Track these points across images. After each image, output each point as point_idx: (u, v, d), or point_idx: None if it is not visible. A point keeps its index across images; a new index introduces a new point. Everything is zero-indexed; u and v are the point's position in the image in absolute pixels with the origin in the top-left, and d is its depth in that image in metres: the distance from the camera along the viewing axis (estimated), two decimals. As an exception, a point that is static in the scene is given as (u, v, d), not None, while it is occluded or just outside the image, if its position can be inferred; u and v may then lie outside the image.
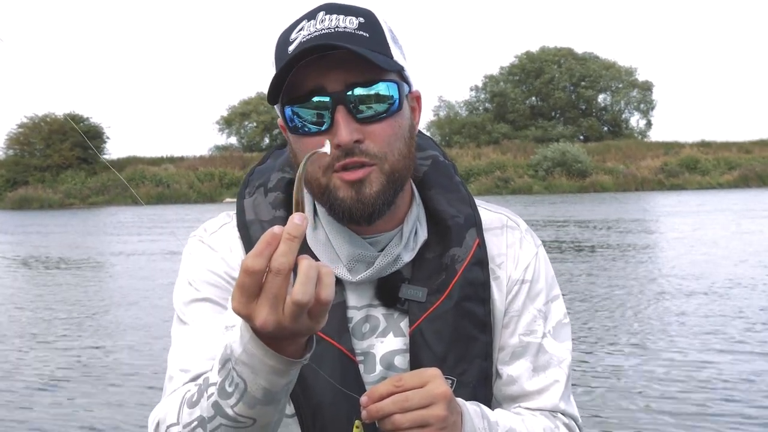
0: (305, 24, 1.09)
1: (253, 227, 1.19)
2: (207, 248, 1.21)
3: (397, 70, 1.10)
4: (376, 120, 1.07)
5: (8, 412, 4.88)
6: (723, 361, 5.63)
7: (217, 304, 1.17)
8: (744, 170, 40.11)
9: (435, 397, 0.99)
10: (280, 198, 1.21)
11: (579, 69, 57.30)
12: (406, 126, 1.12)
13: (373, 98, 1.07)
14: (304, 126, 1.08)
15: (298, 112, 1.08)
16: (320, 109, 1.06)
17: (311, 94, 1.06)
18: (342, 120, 1.05)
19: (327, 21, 1.08)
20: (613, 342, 6.35)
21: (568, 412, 1.21)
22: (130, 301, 9.19)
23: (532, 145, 46.40)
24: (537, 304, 1.23)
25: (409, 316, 1.16)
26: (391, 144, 1.09)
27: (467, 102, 60.99)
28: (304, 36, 1.07)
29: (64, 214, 31.66)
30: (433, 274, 1.16)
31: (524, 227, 1.28)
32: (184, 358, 1.15)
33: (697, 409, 4.57)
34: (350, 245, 1.14)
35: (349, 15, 1.09)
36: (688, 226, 17.03)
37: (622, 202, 28.05)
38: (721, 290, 8.62)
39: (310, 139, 1.07)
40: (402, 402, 0.99)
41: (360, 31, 1.07)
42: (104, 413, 4.86)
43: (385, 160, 1.08)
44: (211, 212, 12.19)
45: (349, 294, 1.17)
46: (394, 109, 1.09)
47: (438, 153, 1.28)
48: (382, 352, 1.17)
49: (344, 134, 1.04)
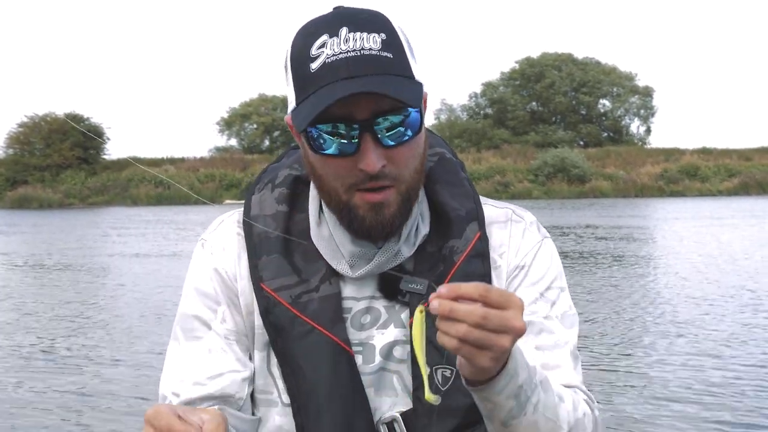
0: (327, 40, 1.08)
1: (257, 222, 1.23)
2: (206, 253, 1.27)
3: (422, 98, 1.11)
4: (399, 144, 1.10)
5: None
6: (726, 366, 5.62)
7: (204, 324, 1.23)
8: (744, 177, 40.14)
9: (511, 328, 0.92)
10: (284, 193, 1.25)
11: (579, 74, 57.39)
12: (422, 144, 1.15)
13: (398, 125, 1.09)
14: (329, 148, 1.10)
15: (322, 135, 1.09)
16: (347, 137, 1.08)
17: (338, 119, 1.07)
18: (369, 148, 1.07)
19: (351, 41, 1.07)
20: (611, 343, 6.34)
21: (582, 389, 1.20)
22: (128, 303, 9.18)
23: (532, 150, 46.49)
24: (538, 288, 1.23)
25: (409, 307, 1.18)
26: (409, 165, 1.12)
27: (468, 107, 61.13)
28: (329, 56, 1.07)
29: (63, 214, 31.65)
30: (433, 267, 1.19)
31: (529, 220, 1.29)
32: (174, 380, 1.21)
33: (701, 415, 4.56)
34: (351, 242, 1.18)
35: (372, 32, 1.08)
36: (690, 232, 17.04)
37: (621, 208, 28.07)
38: (724, 296, 8.62)
39: (335, 160, 1.10)
40: (478, 318, 0.91)
41: (384, 53, 1.08)
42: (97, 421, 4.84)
43: (402, 180, 1.12)
44: (211, 213, 12.18)
45: (349, 286, 1.21)
46: (415, 132, 1.11)
47: (446, 151, 1.30)
48: (382, 343, 1.20)
49: (372, 162, 1.07)
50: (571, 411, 1.12)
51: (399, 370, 1.19)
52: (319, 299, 1.18)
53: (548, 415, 1.07)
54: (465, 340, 0.91)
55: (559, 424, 1.09)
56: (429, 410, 1.16)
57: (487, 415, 1.07)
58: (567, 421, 1.11)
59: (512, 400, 1.02)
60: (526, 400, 1.04)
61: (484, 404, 1.04)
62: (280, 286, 1.19)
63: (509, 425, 1.05)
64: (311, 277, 1.20)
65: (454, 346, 0.92)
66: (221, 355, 1.20)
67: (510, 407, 1.03)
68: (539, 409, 1.06)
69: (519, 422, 1.05)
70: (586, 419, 1.15)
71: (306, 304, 1.18)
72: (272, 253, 1.21)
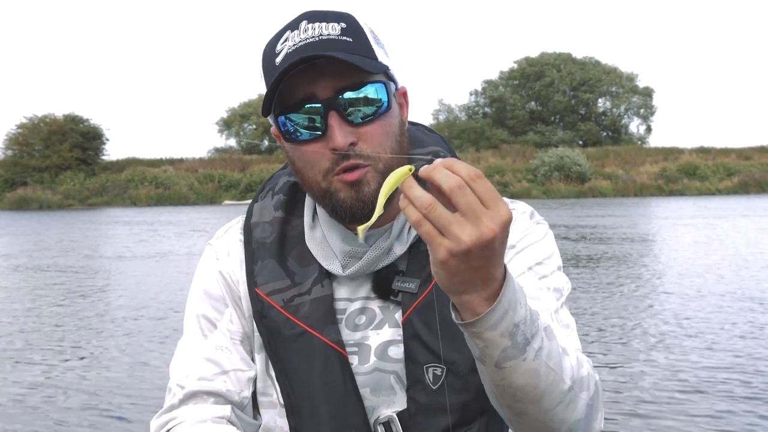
0: (289, 34, 1.12)
1: (256, 229, 1.27)
2: (212, 257, 1.30)
3: (383, 71, 1.14)
4: (368, 122, 1.11)
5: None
6: (726, 366, 5.62)
7: (211, 323, 1.25)
8: (743, 176, 40.13)
9: (476, 222, 0.84)
10: (281, 200, 1.29)
11: (579, 73, 57.40)
12: (396, 124, 1.16)
13: (362, 101, 1.11)
14: (299, 134, 1.12)
15: (291, 120, 1.12)
16: (313, 115, 1.10)
17: (303, 102, 1.10)
18: (335, 125, 1.09)
19: (310, 30, 1.11)
20: (609, 347, 6.34)
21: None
22: (125, 305, 9.18)
23: (531, 149, 46.51)
24: (527, 263, 1.20)
25: (401, 307, 1.19)
26: (383, 144, 1.12)
27: (466, 107, 61.11)
28: (290, 47, 1.10)
29: (62, 215, 31.62)
30: (426, 265, 1.19)
31: (522, 209, 1.28)
32: (181, 373, 1.23)
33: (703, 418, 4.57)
34: (343, 242, 1.20)
35: (330, 22, 1.12)
36: (691, 232, 17.03)
37: (620, 207, 28.06)
38: (723, 295, 8.62)
39: (308, 147, 1.12)
40: (449, 188, 0.84)
41: (343, 37, 1.11)
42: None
43: (378, 159, 1.12)
44: (210, 214, 12.14)
45: (343, 287, 1.22)
46: (383, 109, 1.13)
47: (441, 149, 1.30)
48: (377, 343, 1.20)
49: (339, 138, 1.08)
50: (575, 366, 1.05)
51: (395, 370, 1.20)
52: (311, 302, 1.20)
53: (551, 365, 0.99)
54: (428, 215, 0.84)
55: (561, 377, 1.01)
56: (423, 409, 1.16)
57: (479, 356, 0.97)
58: (570, 376, 1.03)
59: (507, 339, 0.93)
60: (525, 343, 0.95)
61: (475, 342, 0.94)
62: (273, 290, 1.21)
63: (503, 367, 0.96)
64: (304, 281, 1.22)
65: (415, 219, 0.85)
66: (227, 354, 1.23)
67: (504, 346, 0.94)
68: (542, 356, 0.97)
69: (516, 365, 0.95)
70: (590, 380, 1.08)
71: (298, 307, 1.20)
72: (267, 258, 1.24)
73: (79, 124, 44.83)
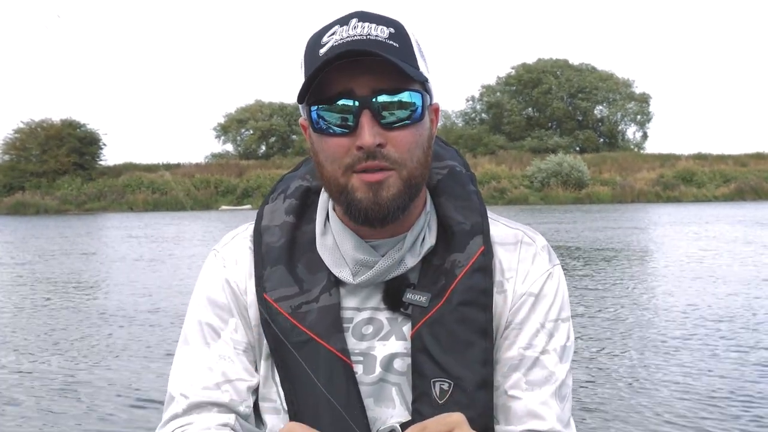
0: (338, 29, 1.12)
1: (266, 233, 1.25)
2: (218, 264, 1.27)
3: (422, 81, 1.13)
4: (399, 127, 1.10)
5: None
6: (727, 373, 5.63)
7: (214, 331, 1.23)
8: (740, 183, 40.26)
9: None
10: (293, 204, 1.27)
11: (576, 80, 57.54)
12: (426, 135, 1.15)
13: (396, 105, 1.10)
14: (329, 127, 1.11)
15: (323, 114, 1.11)
16: (346, 112, 1.09)
17: (339, 96, 1.09)
18: (366, 123, 1.08)
19: (360, 28, 1.10)
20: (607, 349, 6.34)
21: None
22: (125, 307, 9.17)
23: (528, 155, 46.58)
24: (540, 319, 1.21)
25: (411, 320, 1.18)
26: (411, 151, 1.11)
27: (463, 113, 61.23)
28: (336, 40, 1.10)
29: (59, 220, 31.58)
30: (436, 280, 1.18)
31: (541, 244, 1.26)
32: (183, 382, 1.22)
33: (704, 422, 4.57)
34: (355, 250, 1.18)
35: (380, 24, 1.11)
36: (688, 237, 17.05)
37: (618, 213, 28.09)
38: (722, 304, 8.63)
39: (334, 140, 1.11)
40: None
41: (390, 41, 1.10)
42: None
43: (404, 166, 1.11)
44: (207, 220, 12.09)
45: (351, 296, 1.21)
46: (416, 117, 1.11)
47: (457, 164, 1.30)
48: (383, 354, 1.19)
49: (368, 137, 1.07)
50: None
51: (399, 383, 1.19)
52: (318, 309, 1.19)
53: None
54: None
55: None
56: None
57: None
58: None
59: None
60: None
61: None
62: (281, 297, 1.20)
63: None
64: (313, 288, 1.20)
65: None
66: (230, 364, 1.21)
67: None
68: None
69: None
70: None
71: (305, 314, 1.18)
72: (276, 264, 1.22)
73: (77, 129, 44.84)
